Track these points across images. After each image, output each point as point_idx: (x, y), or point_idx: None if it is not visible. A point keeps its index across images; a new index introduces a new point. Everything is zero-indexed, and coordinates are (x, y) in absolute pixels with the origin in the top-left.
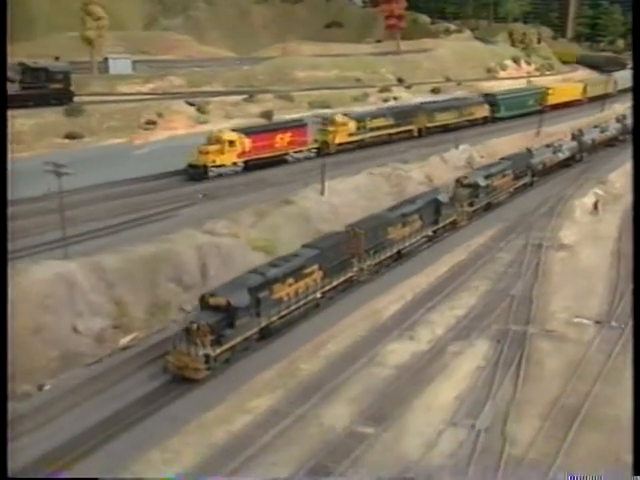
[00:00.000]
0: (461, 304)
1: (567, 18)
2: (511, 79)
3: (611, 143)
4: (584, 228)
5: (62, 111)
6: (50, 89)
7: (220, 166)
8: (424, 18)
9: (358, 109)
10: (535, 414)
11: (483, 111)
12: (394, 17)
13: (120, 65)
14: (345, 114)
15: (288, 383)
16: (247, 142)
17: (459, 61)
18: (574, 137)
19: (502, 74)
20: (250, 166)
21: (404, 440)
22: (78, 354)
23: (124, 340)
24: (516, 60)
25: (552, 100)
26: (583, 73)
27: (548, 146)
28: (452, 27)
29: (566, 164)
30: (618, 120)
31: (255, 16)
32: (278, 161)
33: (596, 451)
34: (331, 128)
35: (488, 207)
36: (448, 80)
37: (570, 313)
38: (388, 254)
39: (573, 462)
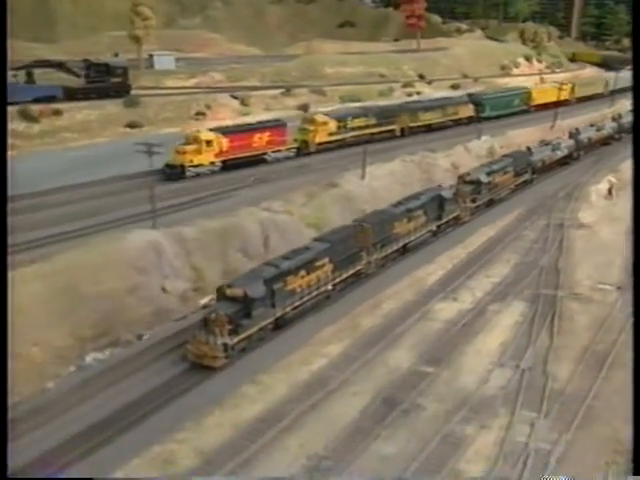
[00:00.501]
0: (495, 273)
1: (572, 18)
2: (524, 76)
3: (607, 142)
4: (600, 210)
5: (121, 103)
6: (111, 83)
7: (197, 166)
8: (435, 18)
9: (385, 102)
10: (570, 358)
11: (468, 111)
12: (414, 17)
13: (164, 61)
14: (326, 113)
15: (355, 333)
16: (225, 142)
17: (475, 59)
18: (571, 135)
19: (515, 71)
20: (228, 166)
21: (460, 377)
22: (167, 310)
23: (203, 300)
24: (528, 58)
25: (538, 100)
26: (590, 71)
27: (547, 144)
28: (463, 27)
29: (564, 162)
30: (614, 119)
31: (270, 16)
32: (257, 161)
33: (624, 385)
34: (311, 127)
35: (490, 203)
36: (465, 77)
37: (593, 280)
38: (394, 248)
39: (606, 393)
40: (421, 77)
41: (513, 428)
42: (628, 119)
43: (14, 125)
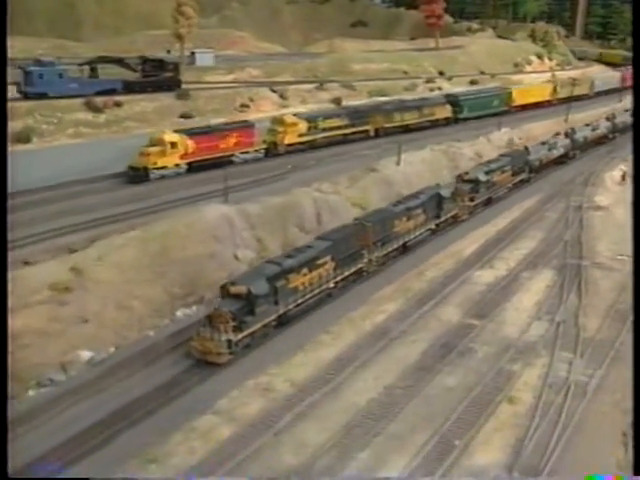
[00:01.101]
0: (524, 246)
1: (576, 17)
2: (536, 73)
3: (601, 141)
4: (615, 195)
5: (173, 96)
6: (164, 77)
7: (162, 168)
8: (446, 18)
9: (409, 97)
10: (597, 314)
11: (445, 112)
12: (434, 16)
13: (205, 58)
14: (295, 114)
15: (406, 295)
16: (190, 143)
17: (490, 57)
18: (567, 135)
19: (528, 68)
20: (194, 167)
21: (504, 328)
22: None
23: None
24: (540, 56)
25: (519, 101)
26: (598, 68)
27: (544, 143)
28: (474, 26)
29: (560, 161)
30: (608, 118)
31: (285, 15)
32: (224, 162)
33: None
34: (280, 129)
35: (488, 202)
36: (482, 73)
37: (613, 253)
38: (395, 246)
39: (630, 340)
40: (441, 73)
41: (554, 365)
42: (622, 119)
43: (82, 115)
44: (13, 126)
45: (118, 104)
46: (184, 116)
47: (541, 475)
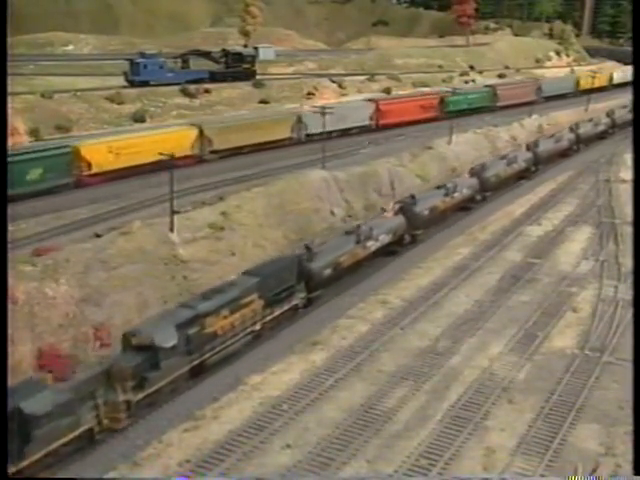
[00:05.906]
0: (564, 209)
1: (583, 16)
2: (556, 68)
3: (464, 208)
4: None
5: (250, 84)
6: (242, 68)
7: None
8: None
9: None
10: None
11: None
12: (466, 16)
13: (267, 52)
14: None
15: (474, 243)
16: None
17: (514, 52)
18: (401, 209)
19: (548, 64)
20: None
21: (558, 265)
22: (334, 228)
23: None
24: (558, 52)
25: (105, 165)
26: (612, 65)
27: (355, 230)
28: (492, 25)
29: (391, 250)
30: (508, 162)
31: (308, 15)
32: None
33: None
34: None
35: (197, 372)
36: (507, 68)
37: None
38: None
39: None
40: (471, 68)
41: (603, 289)
42: (519, 160)
43: (180, 100)
44: (128, 108)
45: (207, 91)
46: (262, 102)
47: (605, 352)
